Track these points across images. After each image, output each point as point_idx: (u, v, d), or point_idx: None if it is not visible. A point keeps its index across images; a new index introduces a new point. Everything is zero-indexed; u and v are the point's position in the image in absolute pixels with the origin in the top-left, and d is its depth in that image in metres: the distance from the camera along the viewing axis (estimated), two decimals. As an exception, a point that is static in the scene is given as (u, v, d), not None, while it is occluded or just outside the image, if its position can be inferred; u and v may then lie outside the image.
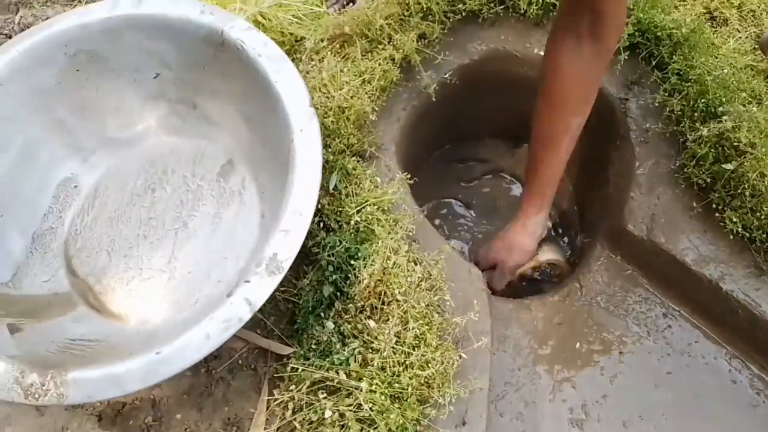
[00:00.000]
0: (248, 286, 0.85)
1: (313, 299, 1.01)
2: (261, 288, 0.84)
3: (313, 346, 0.97)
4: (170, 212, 1.15)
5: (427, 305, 0.95)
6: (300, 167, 0.93)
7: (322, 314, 0.99)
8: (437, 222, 1.47)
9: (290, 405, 0.93)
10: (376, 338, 0.91)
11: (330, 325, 0.97)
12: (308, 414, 0.90)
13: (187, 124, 1.20)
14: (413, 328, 0.90)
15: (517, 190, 1.51)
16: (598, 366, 1.10)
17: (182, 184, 1.17)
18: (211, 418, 1.00)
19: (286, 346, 1.02)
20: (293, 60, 1.22)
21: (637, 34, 1.17)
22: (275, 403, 0.95)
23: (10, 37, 1.42)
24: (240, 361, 1.04)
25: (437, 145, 1.51)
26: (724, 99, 1.08)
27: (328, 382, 0.91)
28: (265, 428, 0.96)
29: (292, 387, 0.93)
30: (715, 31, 1.28)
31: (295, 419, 0.92)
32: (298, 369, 0.93)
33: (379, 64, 1.12)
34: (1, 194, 1.07)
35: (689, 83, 1.11)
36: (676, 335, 1.11)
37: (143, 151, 1.20)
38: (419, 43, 1.18)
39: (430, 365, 0.89)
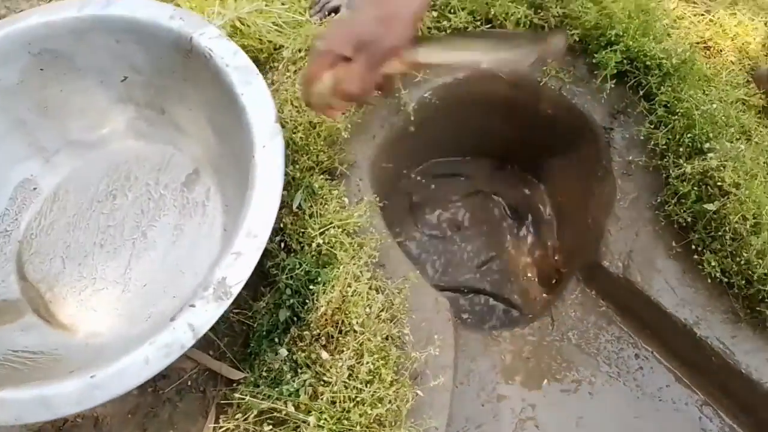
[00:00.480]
0: (193, 311, 0.80)
1: (268, 323, 0.97)
2: (206, 314, 0.80)
3: (264, 374, 0.92)
4: (130, 221, 1.10)
5: (386, 337, 0.91)
6: (259, 186, 0.88)
7: (277, 339, 0.95)
8: (409, 243, 1.42)
9: (236, 434, 0.89)
10: (328, 370, 0.87)
11: (283, 351, 0.92)
12: (254, 445, 0.86)
13: (154, 130, 1.16)
14: (368, 363, 0.86)
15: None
16: (564, 406, 1.06)
17: (145, 191, 1.12)
18: (155, 441, 0.96)
19: (237, 371, 0.97)
20: (270, 69, 1.18)
21: (625, 61, 1.12)
22: (221, 430, 0.90)
23: (-17, 28, 1.37)
24: (189, 383, 1.00)
25: (419, 161, 1.47)
26: (711, 135, 1.04)
27: (275, 413, 0.87)
28: (208, 457, 0.93)
29: (239, 415, 0.89)
30: (709, 61, 1.23)
31: (240, 448, 0.88)
32: (246, 397, 0.89)
33: (356, 79, 1.08)
34: (-46, 193, 1.03)
35: (676, 116, 1.06)
36: (648, 378, 1.07)
37: (108, 155, 1.16)
38: (400, 59, 1.14)
39: (382, 403, 0.84)
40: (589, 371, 1.08)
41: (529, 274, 1.39)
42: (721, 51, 1.27)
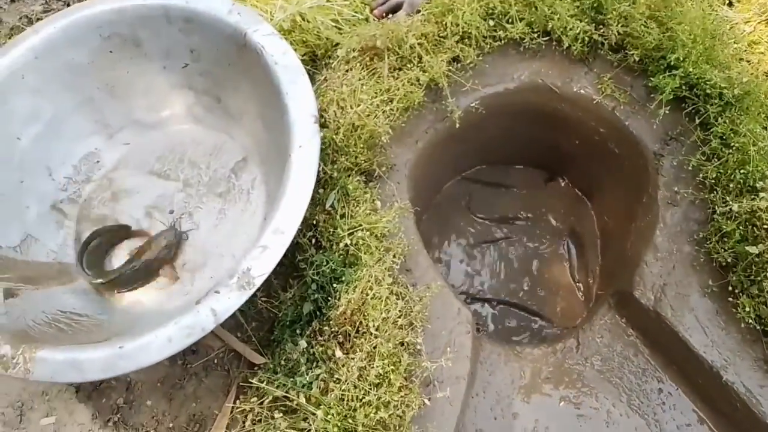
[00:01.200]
0: (217, 297, 0.85)
1: (293, 313, 1.01)
2: (229, 301, 0.84)
3: (283, 362, 0.96)
4: (179, 201, 1.17)
5: (400, 343, 0.92)
6: (292, 185, 0.92)
7: (299, 331, 0.98)
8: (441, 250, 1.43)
9: (250, 416, 0.94)
10: (341, 368, 0.90)
11: (303, 343, 0.96)
12: (265, 429, 0.90)
13: (210, 116, 1.21)
14: (377, 366, 0.88)
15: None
16: (578, 431, 1.05)
17: (195, 174, 1.19)
18: (178, 411, 1.02)
19: (260, 356, 1.02)
20: (325, 65, 1.21)
21: (684, 87, 1.08)
22: (237, 410, 0.96)
23: (69, 5, 1.47)
24: (215, 360, 1.06)
25: (465, 167, 1.46)
26: (766, 173, 0.99)
27: (287, 402, 0.91)
28: (224, 433, 0.98)
29: (254, 399, 0.94)
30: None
31: (253, 430, 0.92)
32: (263, 382, 0.93)
33: (403, 85, 1.09)
34: (26, 161, 1.12)
35: (731, 150, 1.02)
36: (668, 414, 1.04)
37: (165, 137, 1.23)
38: (452, 66, 1.14)
39: (387, 407, 0.87)
40: (608, 400, 1.06)
41: (567, 292, 1.37)
42: (799, 80, 1.19)
